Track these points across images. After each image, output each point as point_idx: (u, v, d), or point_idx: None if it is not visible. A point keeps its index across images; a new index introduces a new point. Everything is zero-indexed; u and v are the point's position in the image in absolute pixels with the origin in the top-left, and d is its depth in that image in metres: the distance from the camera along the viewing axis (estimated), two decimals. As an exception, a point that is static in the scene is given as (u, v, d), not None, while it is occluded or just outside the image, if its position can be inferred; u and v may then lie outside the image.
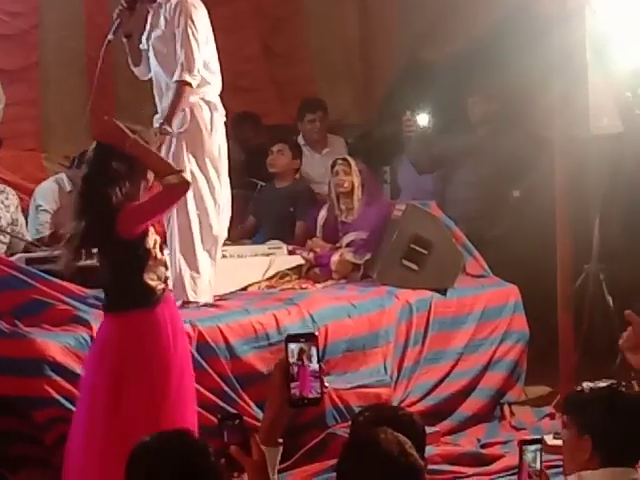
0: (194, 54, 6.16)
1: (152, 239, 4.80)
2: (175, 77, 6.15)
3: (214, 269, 6.33)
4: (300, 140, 8.57)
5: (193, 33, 6.18)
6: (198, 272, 6.08)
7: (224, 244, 6.59)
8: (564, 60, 5.46)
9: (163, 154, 5.53)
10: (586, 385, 3.66)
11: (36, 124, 8.88)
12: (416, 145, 8.02)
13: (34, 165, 8.54)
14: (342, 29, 9.97)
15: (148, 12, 6.32)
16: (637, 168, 7.39)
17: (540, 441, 3.91)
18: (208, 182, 6.33)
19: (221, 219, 6.45)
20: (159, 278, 4.78)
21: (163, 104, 6.31)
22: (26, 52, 8.81)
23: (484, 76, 8.25)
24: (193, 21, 6.19)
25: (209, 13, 6.37)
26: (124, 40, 6.28)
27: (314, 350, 3.30)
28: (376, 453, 3.03)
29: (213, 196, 6.37)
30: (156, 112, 6.36)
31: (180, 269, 5.99)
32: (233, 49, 6.30)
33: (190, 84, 6.15)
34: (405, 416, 3.55)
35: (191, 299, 6.15)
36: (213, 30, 6.31)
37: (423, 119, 7.86)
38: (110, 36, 6.16)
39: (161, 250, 4.88)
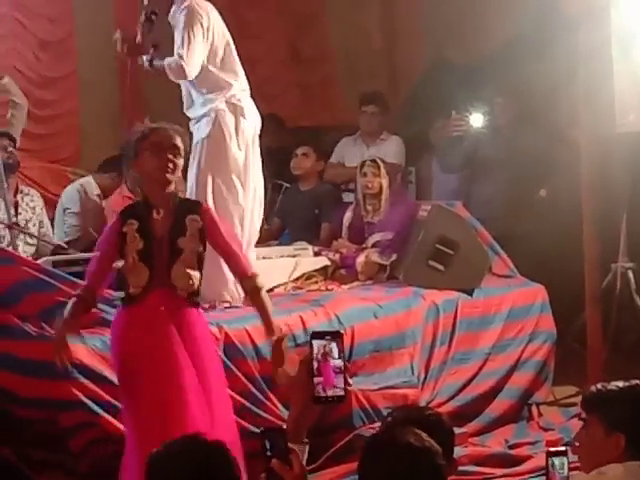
0: (184, 48, 6.11)
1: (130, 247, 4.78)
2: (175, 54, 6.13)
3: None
4: None
5: (192, 29, 6.14)
6: (225, 275, 6.09)
7: (249, 246, 6.61)
8: (589, 58, 5.45)
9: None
10: (603, 385, 3.67)
11: (74, 133, 8.94)
12: (449, 145, 8.06)
13: (59, 176, 8.58)
14: (366, 30, 9.97)
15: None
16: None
17: (566, 452, 3.91)
18: (230, 188, 6.35)
19: (251, 222, 6.49)
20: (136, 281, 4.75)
21: (192, 114, 6.35)
22: (65, 59, 8.87)
23: (509, 76, 8.24)
24: (193, 20, 6.15)
25: (234, 18, 6.37)
26: (151, 51, 6.26)
27: (338, 347, 3.30)
28: (399, 450, 3.03)
29: (237, 201, 6.40)
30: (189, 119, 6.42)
31: (208, 272, 6.01)
32: (260, 55, 6.31)
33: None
34: (433, 417, 3.55)
35: (218, 301, 6.18)
36: (240, 36, 6.29)
37: (475, 119, 7.90)
38: (144, 61, 6.22)
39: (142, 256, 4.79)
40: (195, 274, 4.78)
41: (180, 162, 4.80)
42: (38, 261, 6.26)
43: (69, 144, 8.95)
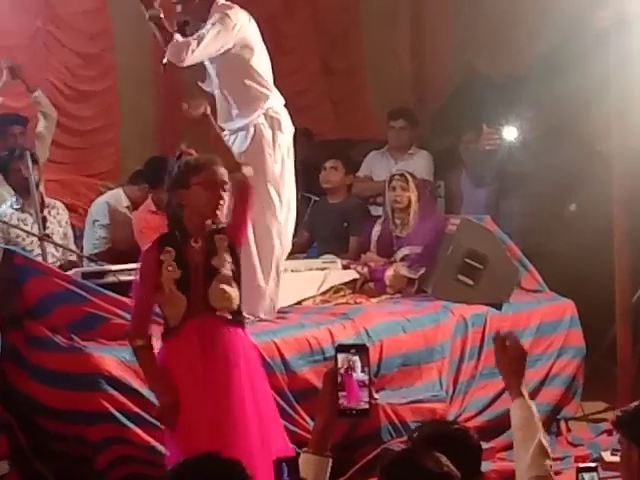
0: (199, 41, 6.07)
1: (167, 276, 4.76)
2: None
3: (276, 286, 6.37)
4: None
5: (218, 31, 6.11)
6: (259, 289, 6.08)
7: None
8: (621, 71, 5.44)
9: None
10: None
11: (113, 147, 8.99)
12: (480, 159, 8.06)
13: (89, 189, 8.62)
14: (395, 44, 9.99)
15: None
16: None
17: (596, 468, 3.89)
18: (268, 203, 6.33)
19: (285, 235, 6.50)
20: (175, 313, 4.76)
21: (229, 126, 6.33)
22: (104, 74, 8.92)
23: (540, 90, 8.24)
24: (224, 23, 6.13)
25: (270, 31, 6.36)
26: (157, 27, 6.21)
27: (363, 361, 3.30)
28: (413, 473, 3.02)
29: (274, 216, 6.39)
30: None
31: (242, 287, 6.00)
32: (293, 68, 6.31)
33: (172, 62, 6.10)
34: (460, 431, 3.53)
35: (249, 314, 6.18)
36: (275, 51, 6.27)
37: (509, 132, 7.89)
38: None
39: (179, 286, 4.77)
40: (233, 291, 4.75)
41: (227, 197, 4.80)
42: (67, 273, 6.30)
43: (107, 158, 8.97)
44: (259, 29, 6.39)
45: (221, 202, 4.75)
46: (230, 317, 4.74)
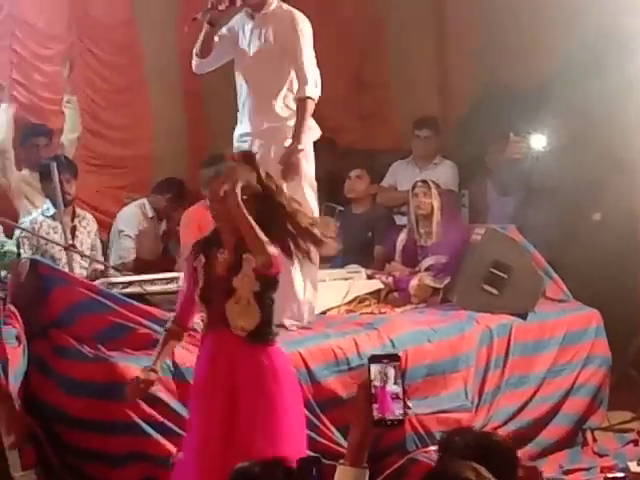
0: (312, 68, 6.15)
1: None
2: (299, 94, 6.14)
3: (313, 295, 6.40)
4: None
5: (309, 48, 6.18)
6: (287, 301, 6.07)
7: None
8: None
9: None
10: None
11: (146, 157, 9.04)
12: (507, 168, 8.05)
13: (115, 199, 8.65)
14: (420, 55, 10.00)
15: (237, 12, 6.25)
16: None
17: (624, 479, 3.88)
18: (307, 204, 6.31)
19: None
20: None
21: (248, 113, 6.29)
22: (135, 85, 8.98)
23: (565, 99, 8.22)
24: (308, 36, 6.18)
25: None
26: (206, 25, 6.13)
27: (396, 371, 3.28)
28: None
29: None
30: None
31: None
32: (324, 81, 6.32)
33: (313, 98, 6.15)
34: (501, 444, 3.50)
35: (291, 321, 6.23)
36: None
37: (537, 140, 7.89)
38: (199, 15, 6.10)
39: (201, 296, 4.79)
40: (252, 313, 4.68)
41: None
42: (94, 282, 6.31)
43: (140, 168, 9.00)
44: None
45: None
46: (245, 336, 4.67)
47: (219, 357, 4.69)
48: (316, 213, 6.44)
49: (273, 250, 4.58)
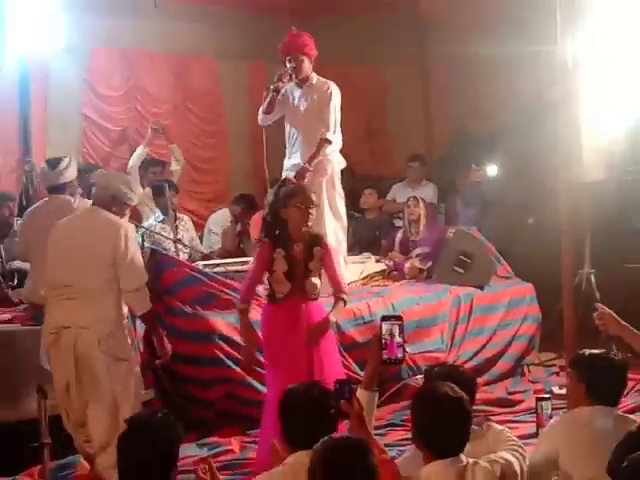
0: (336, 123, 6.11)
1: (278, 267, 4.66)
2: (321, 135, 6.08)
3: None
4: None
5: (337, 110, 6.14)
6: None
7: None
8: (565, 131, 5.40)
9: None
10: (586, 351, 3.64)
11: (224, 181, 9.09)
12: (470, 188, 8.05)
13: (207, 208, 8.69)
14: (412, 112, 9.99)
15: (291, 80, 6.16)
16: (614, 202, 7.30)
17: (550, 398, 3.87)
18: (339, 216, 6.37)
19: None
20: (281, 289, 4.65)
21: (300, 149, 6.20)
22: (218, 132, 9.00)
23: (509, 142, 8.22)
24: (337, 102, 6.15)
25: None
26: (271, 92, 6.07)
27: (399, 328, 3.30)
28: (438, 398, 3.01)
29: (343, 223, 6.43)
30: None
31: None
32: (344, 129, 6.32)
33: (329, 141, 6.10)
34: (463, 372, 3.53)
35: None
36: None
37: (490, 170, 7.91)
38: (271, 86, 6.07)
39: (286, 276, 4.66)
40: (319, 283, 4.69)
41: (314, 212, 4.72)
42: (193, 264, 6.34)
43: (220, 187, 9.04)
44: None
45: (310, 217, 4.63)
46: (314, 297, 4.69)
47: (299, 313, 4.66)
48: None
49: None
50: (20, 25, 7.06)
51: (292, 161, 6.27)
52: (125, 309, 4.55)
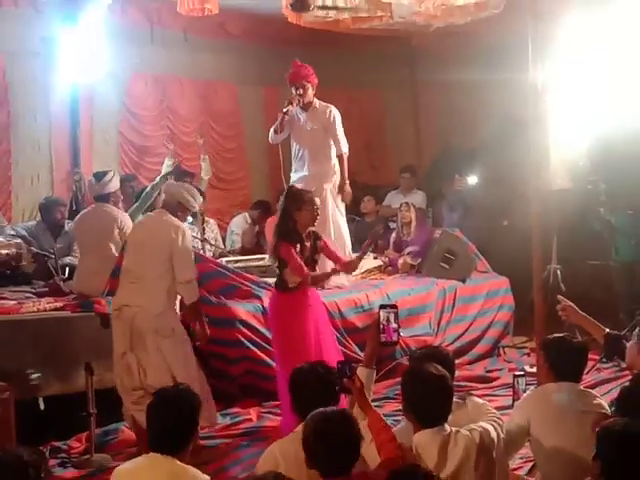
0: (343, 137, 6.14)
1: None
2: (339, 151, 6.11)
3: None
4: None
5: (341, 127, 6.18)
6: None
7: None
8: (535, 147, 5.39)
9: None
10: (553, 335, 3.65)
11: (246, 189, 9.08)
12: (453, 195, 8.04)
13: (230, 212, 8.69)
14: (405, 130, 10.01)
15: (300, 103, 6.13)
16: (577, 208, 7.28)
17: (524, 375, 3.87)
18: (344, 220, 6.41)
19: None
20: (294, 280, 4.68)
21: (306, 164, 6.18)
22: (238, 148, 8.95)
23: (487, 155, 8.22)
24: (340, 121, 6.17)
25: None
26: (282, 114, 6.05)
27: (395, 315, 3.32)
28: (425, 375, 3.04)
29: (346, 225, 6.46)
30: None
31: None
32: (350, 146, 6.34)
33: (347, 153, 6.14)
34: (444, 353, 3.54)
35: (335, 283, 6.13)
36: None
37: (471, 179, 7.91)
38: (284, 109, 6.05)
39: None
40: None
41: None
42: (217, 260, 6.36)
43: (242, 195, 9.04)
44: None
45: (316, 219, 4.72)
46: (319, 286, 4.77)
47: (310, 300, 4.71)
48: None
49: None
50: (71, 54, 7.11)
51: (298, 174, 6.26)
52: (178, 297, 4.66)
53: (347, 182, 6.17)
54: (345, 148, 6.16)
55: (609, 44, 6.25)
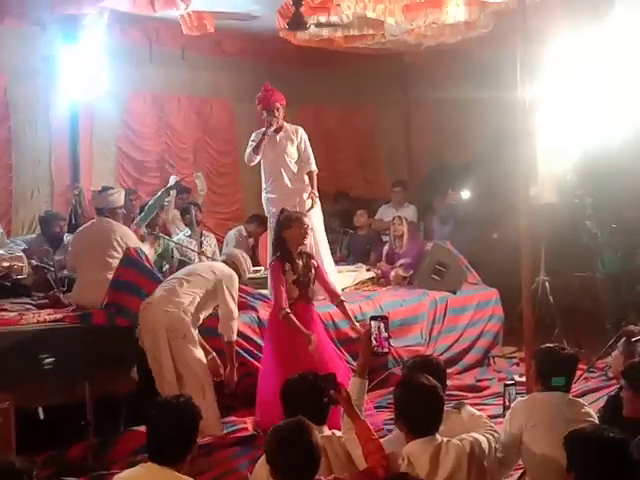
0: (312, 155, 6.09)
1: (288, 278, 4.75)
2: (309, 169, 6.03)
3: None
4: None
5: (309, 144, 6.11)
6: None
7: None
8: (525, 161, 5.40)
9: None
10: (544, 345, 3.66)
11: (239, 203, 9.04)
12: (446, 209, 8.06)
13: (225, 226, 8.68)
14: (397, 145, 10.04)
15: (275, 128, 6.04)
16: (565, 221, 7.32)
17: (515, 384, 3.86)
18: (325, 242, 6.30)
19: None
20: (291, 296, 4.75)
21: (277, 184, 6.05)
22: (232, 163, 8.94)
23: (479, 171, 8.25)
24: (306, 139, 6.09)
25: (328, 142, 6.29)
26: (260, 137, 5.98)
27: (386, 325, 3.32)
28: (416, 385, 3.05)
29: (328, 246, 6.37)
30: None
31: None
32: (342, 159, 6.32)
33: (316, 170, 6.08)
34: (435, 362, 3.55)
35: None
36: (329, 150, 6.14)
37: (464, 194, 7.94)
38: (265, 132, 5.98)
39: (295, 284, 4.76)
40: (313, 291, 4.82)
41: (310, 234, 4.88)
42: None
43: (235, 208, 9.04)
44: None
45: (306, 237, 4.78)
46: (312, 303, 4.79)
47: (307, 315, 4.76)
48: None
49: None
50: (71, 72, 7.15)
51: (269, 195, 6.13)
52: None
53: (317, 196, 6.05)
54: (314, 166, 6.08)
55: (594, 64, 6.31)
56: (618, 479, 2.53)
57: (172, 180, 6.76)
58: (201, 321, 4.90)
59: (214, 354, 4.87)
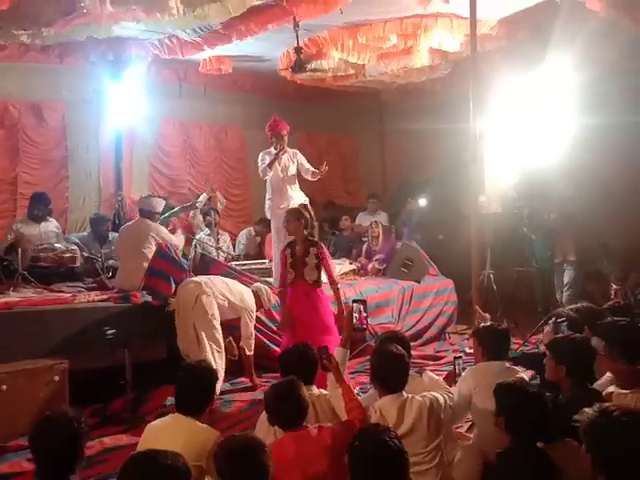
0: (310, 169, 5.99)
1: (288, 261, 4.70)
2: (311, 170, 5.91)
3: None
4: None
5: (306, 160, 6.07)
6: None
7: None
8: (474, 180, 5.42)
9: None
10: (482, 324, 3.68)
11: (249, 208, 8.93)
12: (407, 215, 8.08)
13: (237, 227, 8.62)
14: (374, 164, 10.04)
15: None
16: (506, 227, 7.35)
17: (461, 357, 3.87)
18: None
19: None
20: (290, 277, 4.68)
21: (278, 195, 6.01)
22: (244, 177, 8.86)
23: (436, 186, 8.26)
24: (303, 158, 6.06)
25: (319, 160, 6.24)
26: (273, 158, 5.91)
27: (364, 307, 3.34)
28: (388, 353, 3.07)
29: None
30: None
31: None
32: (328, 175, 6.25)
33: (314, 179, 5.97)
34: (402, 336, 3.56)
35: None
36: (317, 163, 6.15)
37: (420, 202, 7.96)
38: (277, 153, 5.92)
39: (291, 266, 4.69)
40: (315, 273, 4.69)
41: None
42: (228, 263, 6.33)
43: (245, 212, 8.98)
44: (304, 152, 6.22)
45: (304, 231, 4.71)
46: (311, 283, 4.68)
47: (301, 294, 4.68)
48: None
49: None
50: (116, 103, 7.18)
51: (271, 203, 6.09)
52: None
53: (323, 169, 5.88)
54: (312, 168, 6.00)
55: (532, 102, 6.35)
56: (536, 421, 2.58)
57: (202, 197, 6.73)
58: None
59: (231, 338, 4.97)
